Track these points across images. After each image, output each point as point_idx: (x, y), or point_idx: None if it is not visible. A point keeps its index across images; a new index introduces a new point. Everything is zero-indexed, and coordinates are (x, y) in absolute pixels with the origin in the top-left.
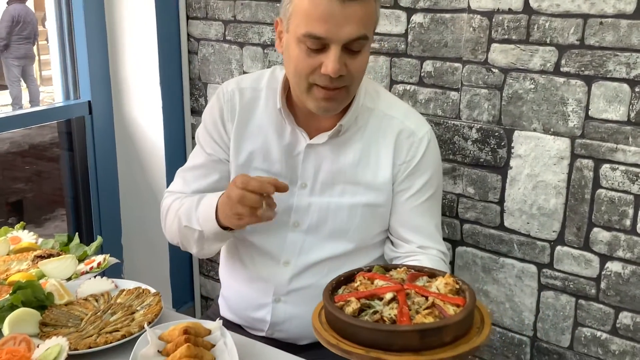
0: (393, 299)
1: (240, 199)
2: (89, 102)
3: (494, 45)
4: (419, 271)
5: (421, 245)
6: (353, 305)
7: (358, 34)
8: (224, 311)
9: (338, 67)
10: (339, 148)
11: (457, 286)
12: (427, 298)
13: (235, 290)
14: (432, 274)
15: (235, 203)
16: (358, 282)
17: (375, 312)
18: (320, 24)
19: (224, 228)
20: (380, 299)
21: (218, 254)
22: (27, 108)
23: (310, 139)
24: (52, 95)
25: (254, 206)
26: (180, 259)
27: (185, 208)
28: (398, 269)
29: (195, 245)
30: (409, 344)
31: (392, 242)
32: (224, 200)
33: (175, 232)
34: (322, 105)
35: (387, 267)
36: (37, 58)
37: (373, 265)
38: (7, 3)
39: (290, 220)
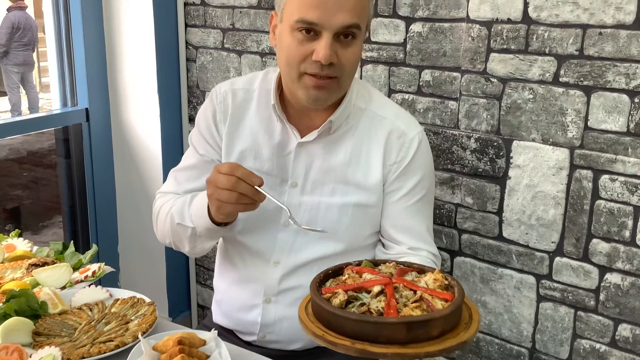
0: (381, 292)
1: (233, 186)
2: (87, 109)
3: (493, 55)
4: (408, 267)
5: (412, 247)
6: (340, 297)
7: (350, 21)
8: (216, 317)
9: (329, 54)
10: (330, 147)
11: (446, 282)
12: (415, 292)
13: (226, 293)
14: (422, 270)
15: (219, 189)
16: (346, 276)
17: (362, 305)
18: (313, 9)
19: (217, 225)
20: (368, 291)
21: (214, 261)
22: (25, 115)
23: (302, 137)
24: (51, 102)
25: (244, 194)
26: (176, 268)
27: (178, 206)
28: (387, 263)
29: (187, 243)
30: (396, 336)
31: (383, 244)
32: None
33: (168, 231)
34: (312, 94)
35: (376, 262)
36: (37, 65)
37: (362, 260)
38: (7, 10)
39: (280, 220)
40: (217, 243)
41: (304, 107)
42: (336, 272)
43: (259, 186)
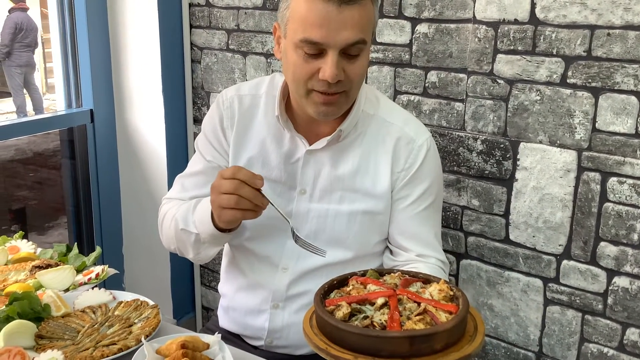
0: (385, 304)
1: (235, 189)
2: (91, 110)
3: (500, 56)
4: (414, 277)
5: (420, 254)
6: (343, 310)
7: (355, 38)
8: (223, 321)
9: (336, 73)
10: (339, 154)
11: (451, 293)
12: (419, 304)
13: (234, 298)
14: (427, 280)
15: (221, 194)
16: (351, 287)
17: (365, 317)
18: (316, 29)
19: (220, 231)
20: (372, 304)
21: (219, 262)
22: (31, 116)
23: (310, 145)
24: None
25: (244, 197)
26: (181, 269)
27: (182, 212)
28: (392, 274)
29: (191, 250)
30: (398, 350)
31: (391, 251)
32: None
33: (172, 236)
34: (322, 110)
35: (381, 272)
36: (43, 66)
37: (367, 269)
38: (9, 11)
39: (289, 227)
40: (224, 248)
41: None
42: (341, 282)
43: (260, 187)
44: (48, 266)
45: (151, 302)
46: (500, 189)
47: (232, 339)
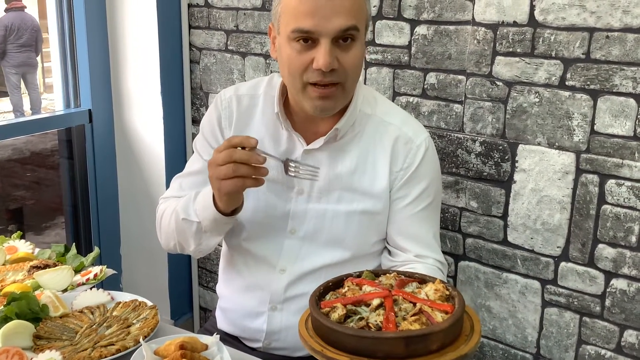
0: (380, 305)
1: (230, 156)
2: (90, 110)
3: (499, 58)
4: (409, 277)
5: (418, 254)
6: (339, 312)
7: (347, 24)
8: (221, 323)
9: (329, 61)
10: (336, 154)
11: (447, 293)
12: (414, 304)
13: (232, 300)
14: (423, 280)
15: (218, 166)
16: (346, 288)
17: (361, 319)
18: (307, 18)
19: (223, 215)
20: (368, 305)
21: (217, 263)
22: (28, 115)
23: (308, 144)
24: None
25: (240, 162)
26: (179, 270)
27: (183, 203)
28: (387, 274)
29: (192, 241)
30: (394, 351)
31: (389, 251)
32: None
33: (172, 230)
34: (318, 104)
35: (376, 273)
36: (41, 65)
37: (363, 270)
38: (5, 11)
39: (287, 227)
40: (221, 249)
41: (310, 114)
42: (336, 284)
43: (255, 147)
44: (46, 266)
45: (149, 303)
46: (498, 191)
47: (230, 340)
